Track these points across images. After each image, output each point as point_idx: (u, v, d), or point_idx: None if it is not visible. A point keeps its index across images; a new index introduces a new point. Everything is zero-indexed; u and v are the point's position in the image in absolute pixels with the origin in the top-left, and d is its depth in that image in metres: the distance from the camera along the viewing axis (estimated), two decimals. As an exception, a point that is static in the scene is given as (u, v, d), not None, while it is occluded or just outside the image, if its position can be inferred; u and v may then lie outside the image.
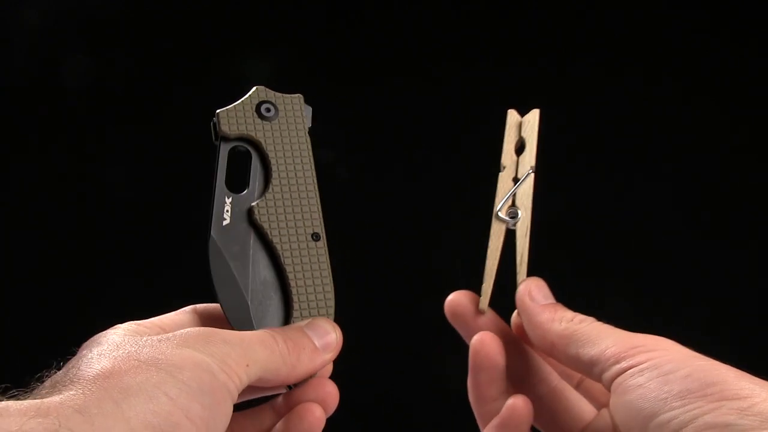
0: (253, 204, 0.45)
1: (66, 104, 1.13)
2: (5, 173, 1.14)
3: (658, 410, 0.37)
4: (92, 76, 1.14)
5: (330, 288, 0.45)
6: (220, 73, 1.16)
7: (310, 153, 0.48)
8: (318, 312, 0.44)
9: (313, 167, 0.48)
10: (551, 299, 0.46)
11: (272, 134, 0.48)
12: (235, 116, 0.48)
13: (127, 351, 0.38)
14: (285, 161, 0.47)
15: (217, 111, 0.47)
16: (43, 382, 0.39)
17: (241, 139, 0.47)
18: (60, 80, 1.14)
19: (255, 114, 0.48)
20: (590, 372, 0.42)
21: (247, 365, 0.39)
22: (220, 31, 1.16)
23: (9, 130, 1.14)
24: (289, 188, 0.46)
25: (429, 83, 1.16)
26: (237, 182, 0.46)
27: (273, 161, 0.46)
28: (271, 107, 0.48)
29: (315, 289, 0.45)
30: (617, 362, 0.40)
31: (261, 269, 0.45)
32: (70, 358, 0.40)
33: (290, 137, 0.48)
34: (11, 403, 0.34)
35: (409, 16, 1.17)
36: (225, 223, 0.46)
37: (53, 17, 1.13)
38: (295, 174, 0.47)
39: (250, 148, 0.47)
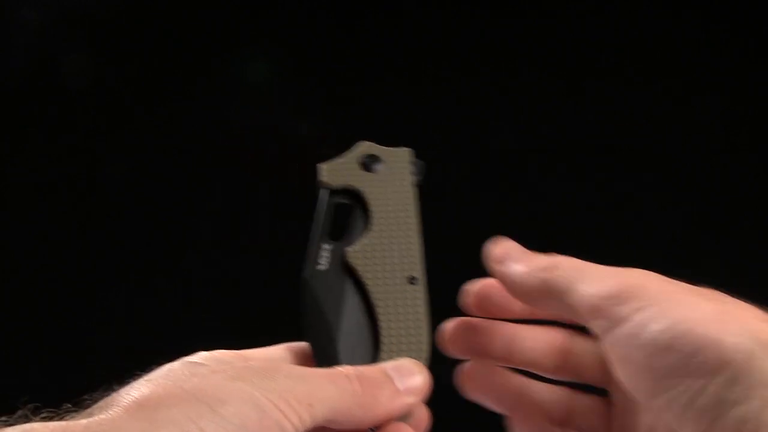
0: (348, 248, 0.44)
1: (66, 104, 1.13)
2: (5, 173, 1.14)
3: (653, 388, 0.35)
4: (92, 75, 1.14)
5: (424, 332, 0.43)
6: (220, 73, 1.16)
7: (415, 202, 0.47)
8: (409, 356, 0.42)
9: (416, 215, 0.47)
10: (521, 253, 0.43)
11: (374, 185, 0.47)
12: (338, 168, 0.47)
13: (175, 378, 0.35)
14: (386, 209, 0.46)
15: (319, 165, 0.47)
16: (94, 401, 0.36)
17: (343, 189, 0.47)
18: (60, 80, 1.14)
19: (358, 166, 0.47)
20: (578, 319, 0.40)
21: (311, 404, 0.35)
22: (220, 31, 1.16)
23: (9, 130, 1.14)
24: (389, 233, 0.46)
25: (429, 84, 1.16)
26: (337, 230, 0.45)
27: (374, 209, 0.46)
28: (376, 160, 0.48)
29: (408, 332, 0.43)
30: (594, 319, 0.38)
31: (353, 312, 0.43)
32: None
33: (394, 188, 0.48)
34: (37, 426, 0.32)
35: (409, 17, 1.17)
36: (321, 268, 0.44)
37: (53, 17, 1.13)
38: (396, 221, 0.46)
39: (351, 198, 0.46)
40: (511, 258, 0.42)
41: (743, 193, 1.14)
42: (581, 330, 0.44)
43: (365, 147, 0.49)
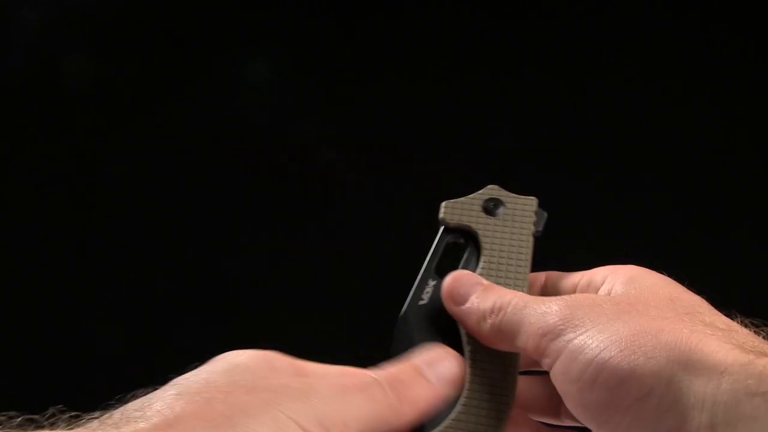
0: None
1: (66, 104, 1.13)
2: (5, 173, 1.14)
3: (595, 420, 0.35)
4: (92, 75, 1.14)
5: (509, 383, 0.42)
6: (220, 73, 1.16)
7: (530, 253, 0.46)
8: (489, 408, 0.41)
9: (528, 265, 0.47)
10: (473, 289, 0.42)
11: (493, 229, 0.46)
12: (460, 208, 0.46)
13: (209, 396, 0.33)
14: (499, 255, 0.46)
15: (443, 203, 0.46)
16: (125, 403, 0.34)
17: (461, 229, 0.46)
18: (60, 80, 1.14)
19: (480, 207, 0.47)
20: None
21: (345, 424, 0.34)
22: (220, 31, 1.17)
23: (9, 130, 1.14)
24: (497, 279, 0.45)
25: (429, 84, 1.16)
26: (447, 266, 0.45)
27: (486, 253, 0.45)
28: (499, 204, 0.47)
29: (493, 382, 0.42)
30: (540, 358, 0.36)
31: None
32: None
33: (512, 235, 0.47)
34: None
35: (409, 17, 1.17)
36: (421, 302, 0.43)
37: (53, 17, 1.13)
38: (507, 268, 0.45)
39: (467, 239, 0.46)
40: (465, 296, 0.41)
41: (743, 193, 1.14)
42: None
43: (492, 190, 0.48)
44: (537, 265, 0.48)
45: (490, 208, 0.48)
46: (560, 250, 0.51)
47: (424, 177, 1.12)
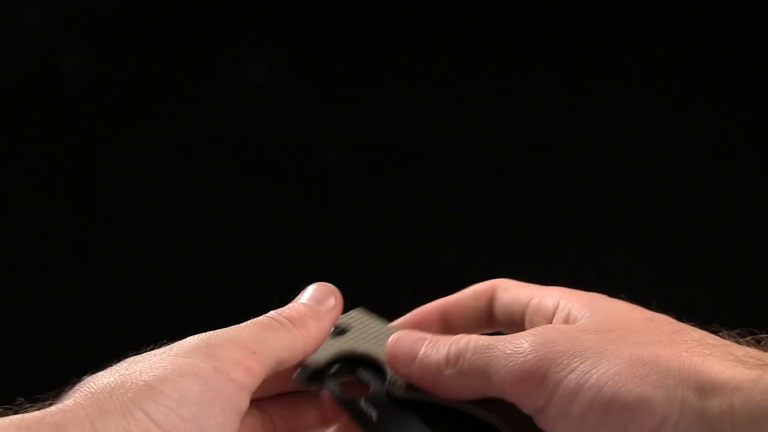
0: (389, 387, 0.42)
1: (66, 104, 1.13)
2: (5, 173, 1.14)
3: None
4: (92, 75, 1.14)
5: None
6: (220, 73, 1.16)
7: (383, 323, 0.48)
8: None
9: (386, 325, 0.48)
10: (419, 343, 0.40)
11: (351, 339, 0.47)
12: (315, 359, 0.46)
13: (127, 366, 0.37)
14: (370, 342, 0.46)
15: (298, 372, 0.46)
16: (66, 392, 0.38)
17: (331, 362, 0.46)
18: (60, 80, 1.14)
19: (331, 337, 0.47)
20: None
21: (254, 352, 0.38)
22: (220, 31, 1.16)
23: (9, 130, 1.14)
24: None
25: (429, 84, 1.16)
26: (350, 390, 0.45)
27: (368, 350, 0.45)
28: (341, 325, 0.48)
29: None
30: (522, 404, 0.35)
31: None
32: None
33: (365, 327, 0.48)
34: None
35: (409, 17, 1.17)
36: (375, 418, 0.43)
37: (53, 17, 1.13)
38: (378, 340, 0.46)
39: (341, 362, 0.45)
40: (412, 356, 0.40)
41: (743, 193, 1.14)
42: None
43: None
44: (535, 266, 0.48)
45: (338, 333, 0.48)
46: (560, 250, 0.51)
47: (424, 177, 1.13)
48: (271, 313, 0.42)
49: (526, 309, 0.41)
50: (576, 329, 0.35)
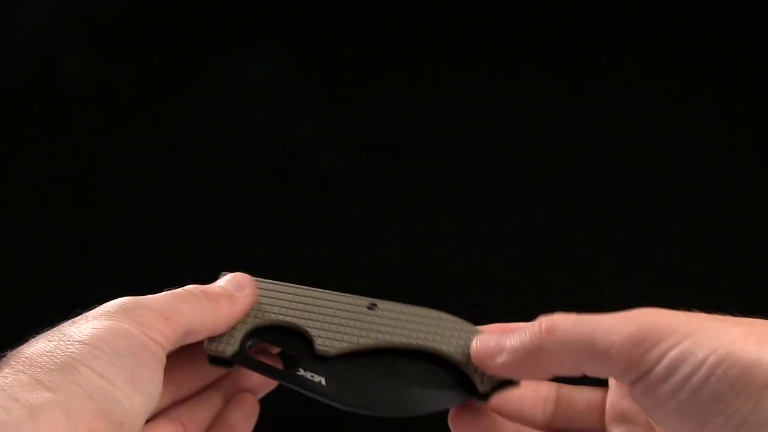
0: (317, 347, 0.43)
1: (66, 104, 1.13)
2: (5, 173, 1.14)
3: (699, 419, 0.35)
4: (92, 75, 1.14)
5: (460, 322, 0.42)
6: (220, 73, 1.16)
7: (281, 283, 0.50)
8: (467, 332, 0.41)
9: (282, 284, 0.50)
10: (503, 337, 0.42)
11: (259, 312, 0.48)
12: (224, 339, 0.48)
13: (60, 330, 0.44)
14: (278, 310, 0.48)
15: (204, 348, 0.47)
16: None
17: (245, 339, 0.47)
18: (60, 80, 1.14)
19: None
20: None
21: (168, 318, 0.43)
22: (220, 31, 1.16)
23: (9, 130, 1.14)
24: (308, 317, 0.46)
25: (429, 84, 1.16)
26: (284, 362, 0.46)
27: (278, 319, 0.46)
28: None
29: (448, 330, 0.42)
30: (626, 368, 0.37)
31: (380, 375, 0.42)
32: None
33: (268, 298, 0.50)
34: None
35: (409, 17, 1.17)
36: (323, 382, 0.43)
37: (53, 17, 1.13)
38: (293, 308, 0.47)
39: (260, 335, 0.46)
40: (500, 348, 0.41)
41: (743, 193, 1.14)
42: (565, 380, 0.43)
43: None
44: (536, 266, 0.48)
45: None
46: (560, 250, 0.51)
47: (424, 177, 1.12)
48: (189, 286, 0.47)
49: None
50: (669, 312, 0.37)
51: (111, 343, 0.40)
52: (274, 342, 0.45)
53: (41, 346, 0.42)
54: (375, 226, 1.09)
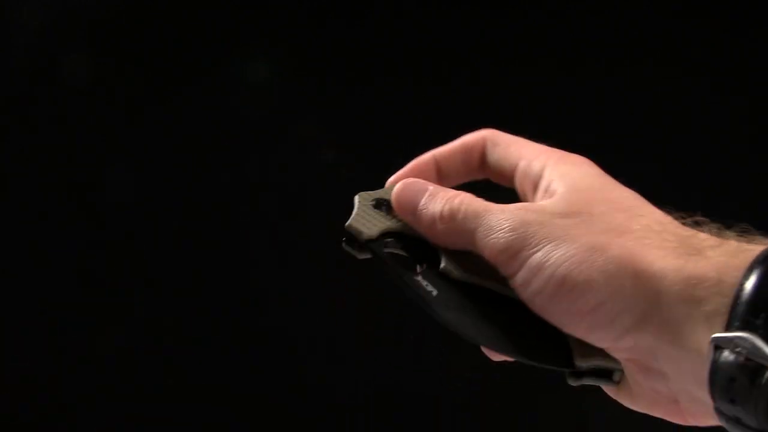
0: (443, 265, 0.44)
1: (66, 104, 1.13)
2: (5, 173, 1.14)
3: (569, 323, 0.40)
4: (92, 75, 1.14)
5: None
6: (220, 73, 1.16)
7: None
8: None
9: None
10: (420, 194, 0.46)
11: (399, 219, 0.48)
12: (366, 228, 0.48)
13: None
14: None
15: (346, 225, 0.49)
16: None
17: (382, 236, 0.48)
18: (60, 80, 1.14)
19: (375, 209, 0.49)
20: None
21: None
22: (220, 31, 1.16)
23: (9, 130, 1.14)
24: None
25: (429, 84, 1.16)
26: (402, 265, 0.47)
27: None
28: (384, 200, 0.50)
29: None
30: (495, 265, 0.42)
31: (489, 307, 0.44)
32: None
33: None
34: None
35: (409, 17, 1.17)
36: (434, 293, 0.45)
37: (53, 17, 1.13)
38: None
39: (393, 238, 0.47)
40: (414, 204, 0.45)
41: (743, 193, 1.14)
42: None
43: (365, 196, 0.50)
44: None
45: (383, 207, 0.49)
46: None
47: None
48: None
49: (515, 170, 0.48)
50: (548, 211, 0.42)
51: None
52: (404, 248, 0.47)
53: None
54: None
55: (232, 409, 1.10)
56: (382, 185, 0.52)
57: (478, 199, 0.45)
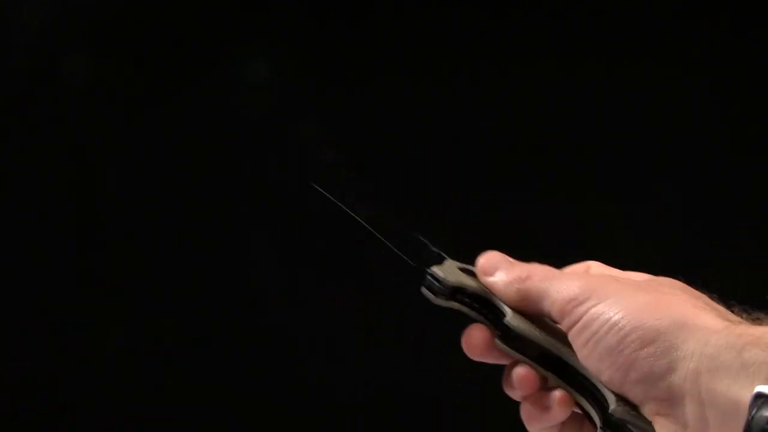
0: (507, 320, 0.49)
1: (66, 104, 1.13)
2: (5, 173, 1.14)
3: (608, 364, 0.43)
4: (92, 75, 1.14)
5: None
6: (220, 73, 1.16)
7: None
8: None
9: None
10: (502, 263, 0.50)
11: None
12: (449, 270, 0.53)
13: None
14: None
15: (431, 269, 0.54)
16: None
17: (461, 288, 0.52)
18: (60, 80, 1.14)
19: (460, 272, 0.53)
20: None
21: None
22: (220, 31, 1.16)
23: (9, 130, 1.14)
24: None
25: (429, 84, 1.16)
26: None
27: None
28: (469, 269, 0.54)
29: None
30: (562, 318, 0.46)
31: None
32: None
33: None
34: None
35: (409, 17, 1.17)
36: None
37: (53, 17, 1.13)
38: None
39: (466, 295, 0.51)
40: (495, 269, 0.50)
41: (743, 193, 1.14)
42: None
43: (454, 262, 0.54)
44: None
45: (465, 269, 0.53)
46: (560, 250, 0.52)
47: (424, 176, 1.12)
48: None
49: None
50: (621, 277, 0.48)
51: None
52: (475, 302, 0.51)
53: None
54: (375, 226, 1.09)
55: (232, 409, 1.10)
56: (382, 185, 0.53)
57: (551, 269, 0.49)
